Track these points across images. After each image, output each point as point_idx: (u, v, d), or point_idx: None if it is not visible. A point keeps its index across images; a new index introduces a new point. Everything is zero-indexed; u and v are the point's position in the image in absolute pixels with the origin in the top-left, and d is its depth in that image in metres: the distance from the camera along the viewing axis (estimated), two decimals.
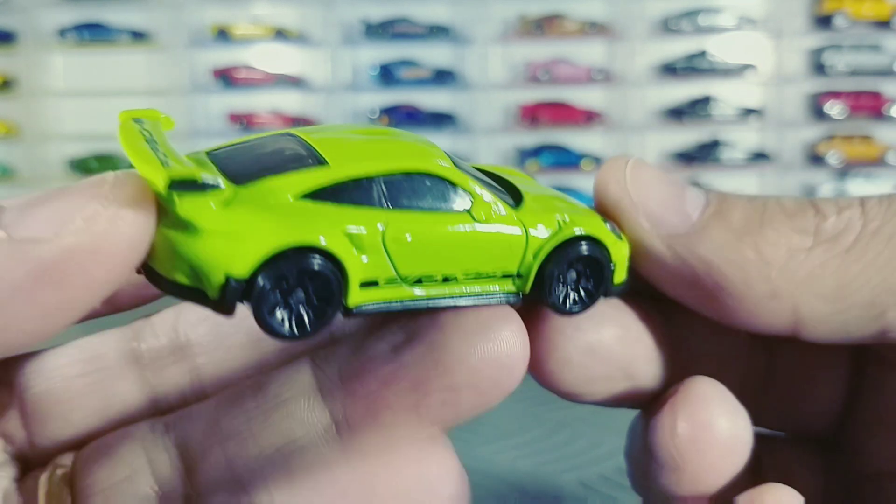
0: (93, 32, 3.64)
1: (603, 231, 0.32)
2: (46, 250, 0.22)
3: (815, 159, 3.69)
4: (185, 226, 0.25)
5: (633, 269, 0.33)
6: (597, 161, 3.72)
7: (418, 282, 0.29)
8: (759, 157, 3.72)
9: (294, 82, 3.73)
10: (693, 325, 0.34)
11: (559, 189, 0.36)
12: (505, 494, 0.61)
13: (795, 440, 0.38)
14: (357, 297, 0.28)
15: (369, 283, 0.28)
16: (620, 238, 0.32)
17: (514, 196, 0.32)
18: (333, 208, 0.28)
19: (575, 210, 0.33)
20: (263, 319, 0.26)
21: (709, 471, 0.30)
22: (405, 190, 0.29)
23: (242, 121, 3.68)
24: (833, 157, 3.65)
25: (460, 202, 0.30)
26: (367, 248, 0.27)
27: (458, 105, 3.71)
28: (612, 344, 0.32)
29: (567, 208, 0.32)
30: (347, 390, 0.30)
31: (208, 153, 0.30)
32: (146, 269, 0.27)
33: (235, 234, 0.25)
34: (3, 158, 3.69)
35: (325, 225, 0.27)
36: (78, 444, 0.33)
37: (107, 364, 0.34)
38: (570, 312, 0.32)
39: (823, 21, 3.63)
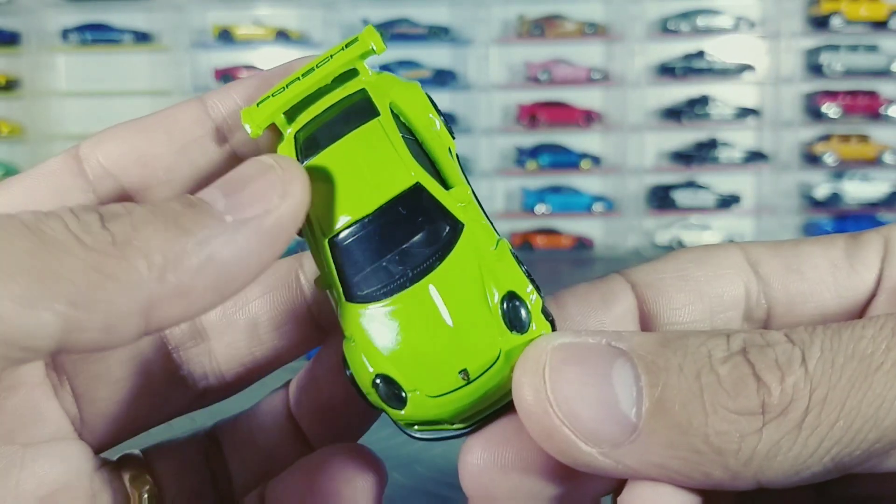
0: (96, 34, 3.65)
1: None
2: (267, 222, 0.28)
3: (812, 159, 3.71)
4: None
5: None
6: (595, 161, 3.74)
7: None
8: (757, 156, 3.74)
9: None
10: None
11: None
12: None
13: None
14: None
15: None
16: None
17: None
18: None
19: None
20: None
21: None
22: None
23: None
24: (830, 157, 3.67)
25: None
26: None
27: (458, 105, 3.73)
28: (541, 471, 0.30)
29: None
30: None
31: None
32: None
33: None
34: (7, 158, 3.71)
35: None
36: (119, 422, 0.37)
37: (141, 349, 0.37)
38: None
39: (820, 22, 3.65)
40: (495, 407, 0.29)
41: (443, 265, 0.29)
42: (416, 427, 0.30)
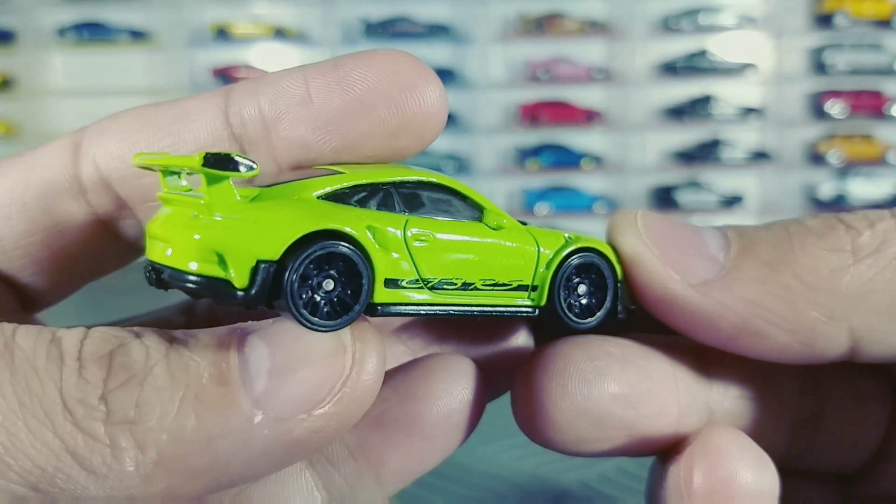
0: (92, 32, 3.65)
1: (608, 249, 0.33)
2: (298, 431, 0.24)
3: (816, 158, 3.71)
4: (215, 217, 0.26)
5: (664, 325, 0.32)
6: (596, 160, 3.72)
7: (438, 287, 0.29)
8: (760, 156, 3.73)
9: None
10: (740, 374, 0.32)
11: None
12: (506, 494, 0.61)
13: (818, 474, 0.36)
14: (382, 295, 0.28)
15: (392, 283, 0.29)
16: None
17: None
18: (355, 209, 0.29)
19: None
20: (295, 309, 0.26)
21: None
22: (419, 197, 0.30)
23: None
24: (833, 156, 3.66)
25: (471, 212, 0.31)
26: (391, 246, 0.28)
27: (458, 104, 3.72)
28: (608, 405, 0.31)
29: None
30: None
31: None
32: (158, 278, 0.28)
33: (265, 221, 0.26)
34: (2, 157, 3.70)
35: (349, 219, 0.28)
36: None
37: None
38: (580, 326, 0.32)
39: (824, 20, 3.64)
40: None
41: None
42: None
